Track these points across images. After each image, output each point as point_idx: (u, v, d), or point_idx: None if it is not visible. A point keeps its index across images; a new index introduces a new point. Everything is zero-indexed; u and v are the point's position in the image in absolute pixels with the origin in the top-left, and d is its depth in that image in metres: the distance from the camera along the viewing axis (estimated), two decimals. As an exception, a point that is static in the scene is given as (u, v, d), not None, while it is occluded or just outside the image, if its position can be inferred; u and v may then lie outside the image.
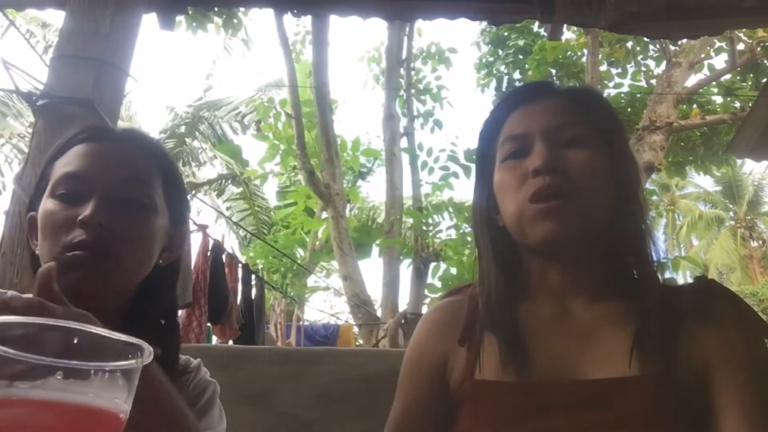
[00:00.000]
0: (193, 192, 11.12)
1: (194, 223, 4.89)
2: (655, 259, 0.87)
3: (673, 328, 0.81)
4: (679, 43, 8.34)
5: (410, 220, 9.36)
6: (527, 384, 0.81)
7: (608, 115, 0.94)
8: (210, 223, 10.93)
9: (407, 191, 9.42)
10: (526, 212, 0.84)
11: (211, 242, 5.00)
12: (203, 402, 0.91)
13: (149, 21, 2.91)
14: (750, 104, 6.27)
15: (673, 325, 0.81)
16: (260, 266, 9.60)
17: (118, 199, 0.84)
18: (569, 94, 0.94)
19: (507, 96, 0.97)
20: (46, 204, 0.84)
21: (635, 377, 0.78)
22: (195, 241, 4.75)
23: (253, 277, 5.78)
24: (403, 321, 6.77)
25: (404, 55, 9.56)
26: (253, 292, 5.76)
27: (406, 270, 9.08)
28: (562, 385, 0.80)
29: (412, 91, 9.83)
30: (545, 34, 6.67)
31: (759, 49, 8.41)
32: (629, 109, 9.08)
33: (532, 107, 0.91)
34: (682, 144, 9.55)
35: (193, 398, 0.90)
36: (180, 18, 6.01)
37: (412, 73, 9.99)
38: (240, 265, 5.22)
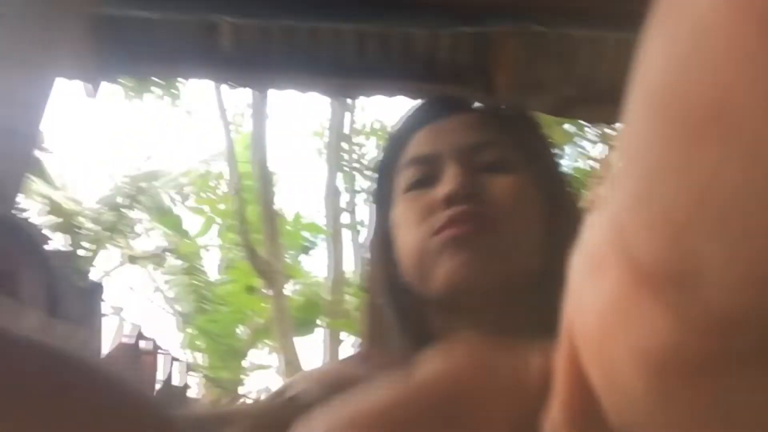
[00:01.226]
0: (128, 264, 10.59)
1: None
2: None
3: None
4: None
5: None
6: None
7: (538, 136, 0.72)
8: (144, 300, 10.45)
9: (352, 267, 9.21)
10: (429, 246, 0.61)
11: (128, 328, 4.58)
12: None
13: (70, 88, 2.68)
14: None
15: None
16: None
17: None
18: (489, 109, 0.73)
19: (411, 113, 0.72)
20: None
21: None
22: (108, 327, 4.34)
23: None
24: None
25: (347, 130, 9.56)
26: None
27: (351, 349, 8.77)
28: None
29: (356, 166, 9.78)
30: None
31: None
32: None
33: (443, 123, 0.68)
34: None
35: None
36: (115, 86, 5.81)
37: (356, 148, 9.97)
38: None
